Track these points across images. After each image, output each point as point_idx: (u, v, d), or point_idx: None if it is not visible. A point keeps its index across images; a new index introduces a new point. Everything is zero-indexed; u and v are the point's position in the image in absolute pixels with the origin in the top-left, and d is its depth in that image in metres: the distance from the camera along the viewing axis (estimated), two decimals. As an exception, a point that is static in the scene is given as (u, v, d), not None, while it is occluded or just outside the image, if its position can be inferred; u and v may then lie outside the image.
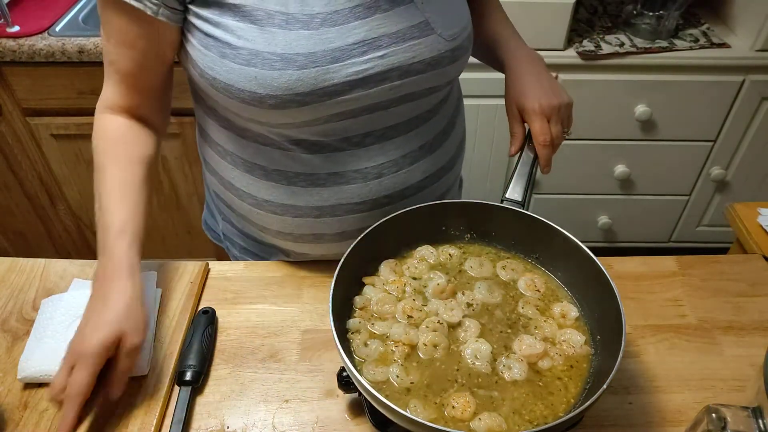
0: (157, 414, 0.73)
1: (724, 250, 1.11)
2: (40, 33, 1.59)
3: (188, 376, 0.76)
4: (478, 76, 1.63)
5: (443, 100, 0.88)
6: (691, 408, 0.76)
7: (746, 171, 1.99)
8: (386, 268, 0.79)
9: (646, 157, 1.95)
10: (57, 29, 1.62)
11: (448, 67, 0.80)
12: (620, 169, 1.97)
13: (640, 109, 1.82)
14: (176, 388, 0.77)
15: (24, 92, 1.65)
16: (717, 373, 0.80)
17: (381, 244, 0.78)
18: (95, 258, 0.77)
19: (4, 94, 1.66)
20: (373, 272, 0.79)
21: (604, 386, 0.59)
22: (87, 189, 1.87)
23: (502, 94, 0.92)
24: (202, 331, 0.82)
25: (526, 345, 0.70)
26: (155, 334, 0.83)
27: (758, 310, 0.88)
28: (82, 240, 2.05)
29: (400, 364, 0.68)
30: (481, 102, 1.80)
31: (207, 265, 0.95)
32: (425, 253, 0.82)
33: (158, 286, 0.89)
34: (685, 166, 1.99)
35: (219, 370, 0.80)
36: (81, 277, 0.91)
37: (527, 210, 0.80)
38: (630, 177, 2.00)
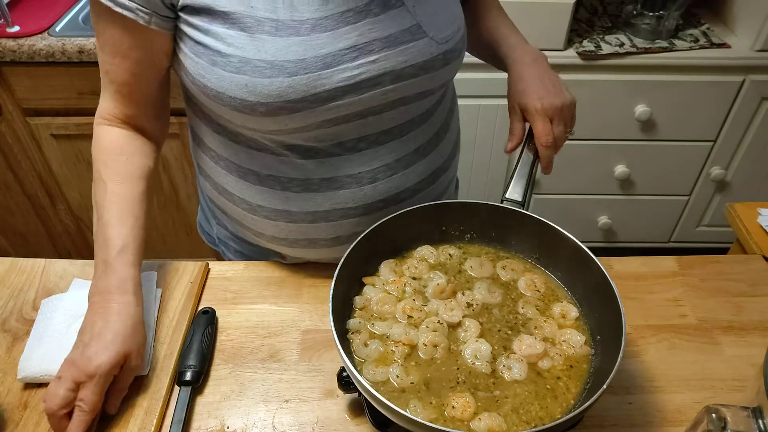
0: (157, 414, 0.73)
1: (724, 250, 1.11)
2: (40, 33, 1.59)
3: (188, 376, 0.76)
4: (478, 76, 1.64)
5: (437, 102, 0.87)
6: (691, 408, 0.76)
7: (746, 171, 1.99)
8: (386, 268, 0.79)
9: (646, 157, 1.95)
10: (57, 29, 1.62)
11: (440, 70, 0.79)
12: (620, 169, 1.97)
13: (640, 109, 1.82)
14: (176, 388, 0.77)
15: (24, 92, 1.65)
16: (717, 373, 0.80)
17: (381, 244, 0.78)
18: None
19: (4, 94, 1.66)
20: (373, 272, 0.79)
21: (604, 386, 0.59)
22: (87, 189, 1.86)
23: (502, 94, 0.92)
24: (202, 331, 0.82)
25: (526, 345, 0.70)
26: (155, 334, 0.83)
27: (758, 310, 0.88)
28: (82, 240, 2.05)
29: (400, 364, 0.68)
30: (481, 102, 1.80)
31: (207, 265, 0.95)
32: (425, 253, 0.82)
33: (158, 286, 0.89)
34: (685, 166, 1.99)
35: (219, 370, 0.80)
36: (81, 277, 0.91)
37: (527, 210, 0.80)
38: (630, 177, 2.00)
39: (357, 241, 0.74)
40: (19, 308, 0.87)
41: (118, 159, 0.82)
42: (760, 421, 0.52)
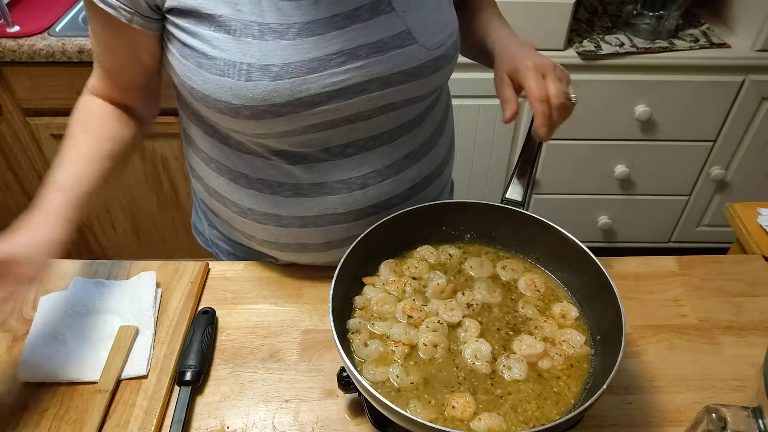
0: (157, 414, 0.73)
1: (724, 250, 1.11)
2: (40, 33, 1.59)
3: (188, 376, 0.76)
4: (478, 77, 1.63)
5: (429, 107, 0.86)
6: (691, 408, 0.76)
7: (746, 171, 1.99)
8: (386, 268, 0.79)
9: (646, 157, 1.95)
10: (57, 29, 1.62)
11: (430, 76, 0.78)
12: (620, 169, 1.97)
13: (640, 109, 1.82)
14: (176, 388, 0.77)
15: (24, 92, 1.65)
16: (717, 373, 0.80)
17: (381, 244, 0.78)
18: (95, 258, 0.77)
19: (4, 94, 1.66)
20: (373, 272, 0.79)
21: (604, 386, 0.59)
22: (87, 189, 1.87)
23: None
24: (202, 331, 0.82)
25: (526, 345, 0.70)
26: (155, 334, 0.83)
27: (758, 310, 0.88)
28: (82, 240, 2.05)
29: (400, 364, 0.68)
30: (481, 102, 1.80)
31: (207, 265, 0.95)
32: (425, 253, 0.82)
33: (158, 286, 0.89)
34: (685, 166, 1.99)
35: (219, 370, 0.80)
36: (81, 276, 0.91)
37: (527, 210, 0.80)
38: (630, 177, 2.00)
39: (357, 241, 0.74)
40: (19, 308, 0.87)
41: (94, 119, 0.82)
42: (760, 421, 0.52)
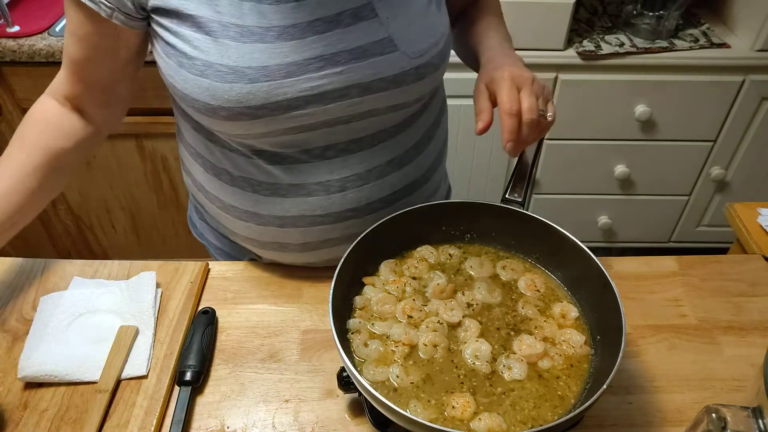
0: (157, 414, 0.73)
1: (724, 250, 1.11)
2: (40, 33, 1.59)
3: (188, 376, 0.76)
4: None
5: (416, 114, 0.85)
6: (691, 408, 0.76)
7: (746, 171, 1.99)
8: (386, 268, 0.79)
9: (646, 157, 1.95)
10: (57, 29, 1.61)
11: (413, 84, 0.77)
12: (620, 169, 1.97)
13: (640, 109, 1.82)
14: (176, 388, 0.77)
15: (24, 92, 1.65)
16: (717, 373, 0.80)
17: (381, 244, 0.78)
18: (95, 258, 0.77)
19: (4, 94, 1.66)
20: (373, 272, 0.79)
21: (604, 386, 0.59)
22: (87, 189, 1.87)
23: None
24: (202, 331, 0.82)
25: (526, 345, 0.70)
26: (155, 334, 0.83)
27: (758, 310, 0.88)
28: (82, 240, 2.05)
29: (400, 364, 0.68)
30: (481, 102, 1.80)
31: (207, 265, 0.95)
32: (425, 253, 0.82)
33: (158, 286, 0.89)
34: (685, 166, 1.99)
35: (219, 370, 0.80)
36: (81, 276, 0.91)
37: (527, 210, 0.80)
38: (630, 177, 2.00)
39: (357, 241, 0.74)
40: (19, 308, 0.87)
41: (32, 128, 0.82)
42: (760, 421, 0.52)
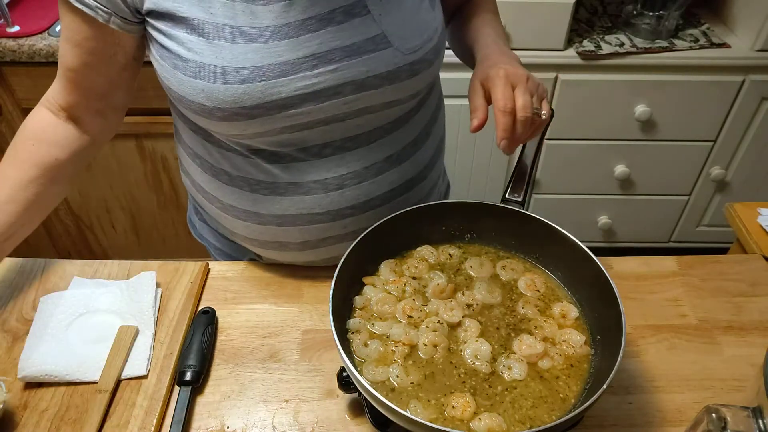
0: (157, 414, 0.73)
1: (724, 250, 1.11)
2: (40, 33, 1.59)
3: (188, 376, 0.76)
4: (478, 76, 1.63)
5: (412, 111, 0.85)
6: (691, 408, 0.76)
7: (746, 171, 1.99)
8: (386, 268, 0.79)
9: (646, 157, 1.95)
10: (57, 29, 1.61)
11: (407, 81, 0.77)
12: (620, 169, 1.97)
13: (640, 109, 1.82)
14: (176, 388, 0.77)
15: (24, 92, 1.65)
16: (717, 373, 0.80)
17: (381, 244, 0.78)
18: (95, 258, 0.77)
19: (4, 94, 1.66)
20: (373, 272, 0.79)
21: (604, 386, 0.59)
22: (87, 189, 1.87)
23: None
24: (202, 331, 0.82)
25: (526, 345, 0.70)
26: (155, 334, 0.83)
27: (758, 310, 0.88)
28: (82, 240, 2.05)
29: (400, 364, 0.68)
30: (481, 102, 1.80)
31: (207, 265, 0.95)
32: (425, 253, 0.82)
33: (158, 286, 0.89)
34: (685, 166, 1.99)
35: (219, 370, 0.80)
36: (81, 276, 0.91)
37: (527, 210, 0.80)
38: (630, 177, 2.00)
39: (357, 241, 0.74)
40: (19, 308, 0.87)
41: (25, 142, 0.83)
42: (760, 421, 0.52)
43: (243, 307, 0.89)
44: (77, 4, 0.71)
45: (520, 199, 0.81)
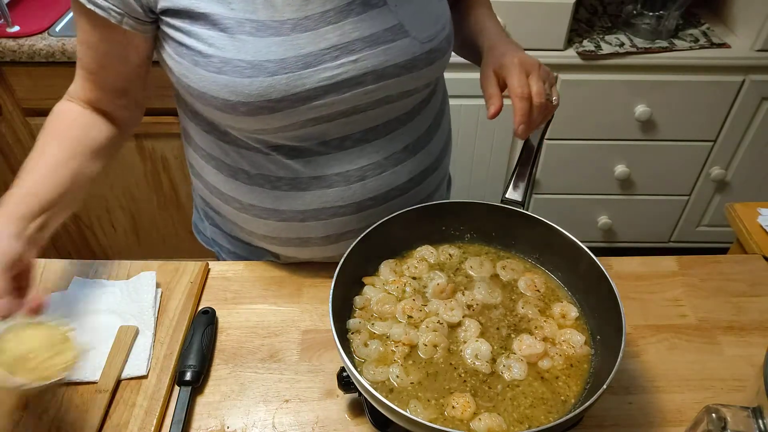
0: (157, 414, 0.73)
1: (724, 250, 1.11)
2: (40, 33, 1.59)
3: (188, 376, 0.76)
4: (477, 77, 1.64)
5: (424, 101, 0.87)
6: (691, 408, 0.76)
7: (746, 171, 1.98)
8: (386, 268, 0.79)
9: (646, 157, 1.95)
10: (57, 29, 1.61)
11: (424, 69, 0.79)
12: (620, 169, 1.97)
13: (640, 109, 1.82)
14: (176, 388, 0.77)
15: (24, 92, 1.65)
16: (717, 373, 0.80)
17: (381, 244, 0.78)
18: (95, 258, 0.77)
19: (4, 94, 1.66)
20: (373, 272, 0.79)
21: (604, 386, 0.59)
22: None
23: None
24: (202, 331, 0.82)
25: (526, 345, 0.70)
26: (155, 334, 0.83)
27: (758, 310, 0.88)
28: (82, 240, 2.05)
29: (400, 364, 0.68)
30: (481, 102, 1.77)
31: (207, 265, 0.95)
32: (425, 253, 0.82)
33: (158, 286, 0.89)
34: (685, 166, 1.99)
35: (219, 370, 0.80)
36: (81, 276, 0.91)
37: (527, 210, 0.80)
38: (630, 177, 2.00)
39: (357, 241, 0.74)
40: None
41: (60, 124, 0.81)
42: (760, 421, 0.52)
43: (243, 307, 0.89)
44: (89, 6, 0.71)
45: (520, 199, 0.81)
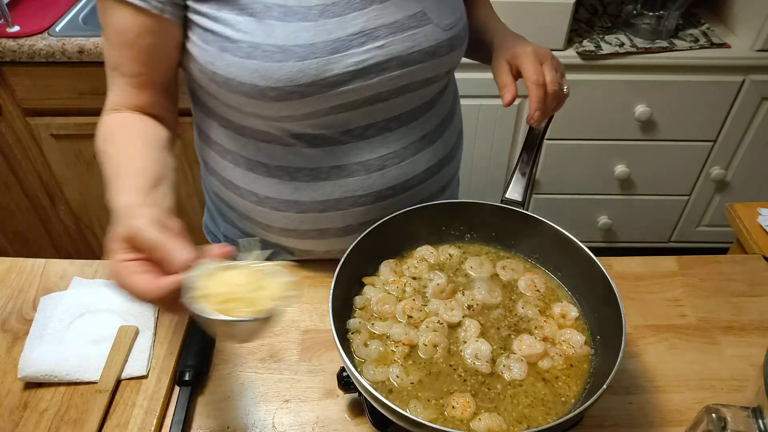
0: (157, 414, 0.73)
1: (724, 250, 1.11)
2: (40, 33, 1.59)
3: (188, 376, 0.76)
4: (478, 76, 1.63)
5: (441, 91, 0.89)
6: (691, 408, 0.75)
7: (746, 171, 1.99)
8: (386, 268, 0.79)
9: (646, 157, 1.95)
10: (57, 29, 1.61)
11: (445, 56, 0.81)
12: (620, 169, 1.97)
13: (640, 109, 1.82)
14: (176, 388, 0.77)
15: (24, 92, 1.65)
16: (717, 373, 0.80)
17: (381, 244, 0.78)
18: (95, 258, 0.76)
19: (4, 94, 1.66)
20: (373, 272, 0.79)
21: (604, 386, 0.59)
22: (87, 189, 1.87)
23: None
24: (202, 331, 0.81)
25: (526, 345, 0.70)
26: (155, 334, 0.83)
27: (758, 310, 0.88)
28: (82, 240, 2.05)
29: (400, 364, 0.68)
30: (481, 102, 1.80)
31: (207, 265, 0.95)
32: (425, 253, 0.82)
33: (158, 286, 0.89)
34: (685, 166, 1.99)
35: (219, 370, 0.80)
36: (81, 276, 0.91)
37: (527, 210, 0.80)
38: (630, 177, 2.00)
39: (357, 240, 0.74)
40: (19, 308, 0.87)
41: (129, 128, 0.77)
42: (760, 421, 0.52)
43: (243, 307, 0.89)
44: None
45: (520, 199, 0.81)
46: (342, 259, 0.71)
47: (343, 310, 0.73)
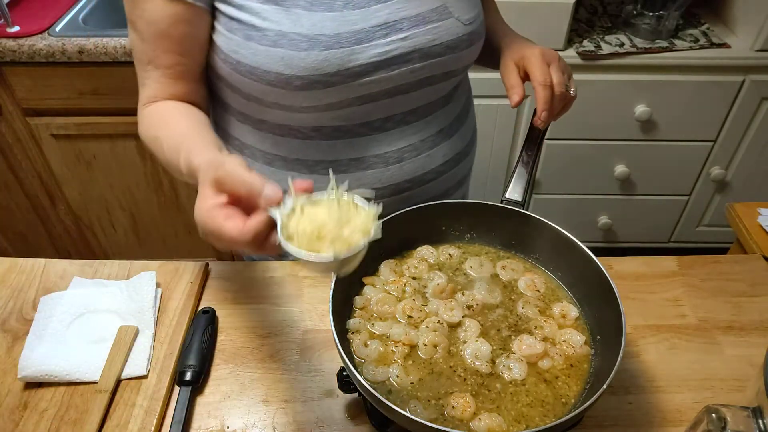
0: (157, 414, 0.73)
1: (724, 250, 1.11)
2: (40, 33, 1.59)
3: (188, 376, 0.76)
4: (478, 76, 1.63)
5: (457, 86, 0.90)
6: (691, 408, 0.75)
7: (746, 171, 1.99)
8: (386, 268, 0.79)
9: (646, 157, 1.95)
10: (57, 29, 1.61)
11: (465, 51, 0.82)
12: (620, 169, 1.97)
13: (640, 109, 1.82)
14: (176, 388, 0.77)
15: (24, 92, 1.65)
16: (717, 373, 0.80)
17: (381, 244, 0.78)
18: (95, 258, 0.76)
19: (4, 94, 1.66)
20: (373, 272, 0.79)
21: (604, 386, 0.59)
22: (87, 189, 1.87)
23: (503, 94, 0.91)
24: (202, 331, 0.82)
25: (526, 345, 0.70)
26: (155, 334, 0.83)
27: (758, 310, 0.88)
28: (82, 240, 2.05)
29: (400, 364, 0.68)
30: (481, 102, 1.79)
31: (207, 265, 0.95)
32: (425, 253, 0.82)
33: (158, 286, 0.89)
34: (685, 166, 1.99)
35: (219, 370, 0.80)
36: (81, 276, 0.91)
37: (527, 210, 0.80)
38: (630, 177, 2.00)
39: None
40: (19, 308, 0.87)
41: (174, 111, 0.78)
42: (760, 421, 0.52)
43: (243, 307, 0.89)
44: None
45: (520, 199, 0.81)
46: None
47: (343, 310, 0.73)
